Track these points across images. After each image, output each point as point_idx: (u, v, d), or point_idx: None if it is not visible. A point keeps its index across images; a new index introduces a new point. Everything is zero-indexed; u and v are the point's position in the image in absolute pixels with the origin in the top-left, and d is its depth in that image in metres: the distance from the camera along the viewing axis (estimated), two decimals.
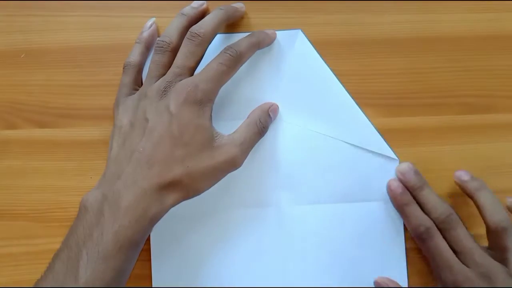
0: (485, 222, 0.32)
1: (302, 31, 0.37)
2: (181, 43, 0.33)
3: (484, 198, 0.33)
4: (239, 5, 0.36)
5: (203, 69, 0.32)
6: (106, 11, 0.37)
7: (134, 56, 0.35)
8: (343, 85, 0.37)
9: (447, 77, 0.38)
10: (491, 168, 0.37)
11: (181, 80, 0.31)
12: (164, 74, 0.32)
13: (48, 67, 0.37)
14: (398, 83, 0.38)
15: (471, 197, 0.34)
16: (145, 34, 0.36)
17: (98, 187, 0.30)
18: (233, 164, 0.32)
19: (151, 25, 0.36)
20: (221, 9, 0.34)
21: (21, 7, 0.37)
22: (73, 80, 0.37)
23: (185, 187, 0.30)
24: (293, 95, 0.36)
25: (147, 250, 0.35)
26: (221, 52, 0.32)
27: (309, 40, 0.37)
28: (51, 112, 0.37)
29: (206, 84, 0.31)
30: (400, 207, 0.35)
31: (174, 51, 0.33)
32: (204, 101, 0.31)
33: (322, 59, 0.37)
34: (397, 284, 0.34)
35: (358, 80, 0.37)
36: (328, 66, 0.37)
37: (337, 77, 0.37)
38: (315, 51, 0.37)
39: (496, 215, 0.32)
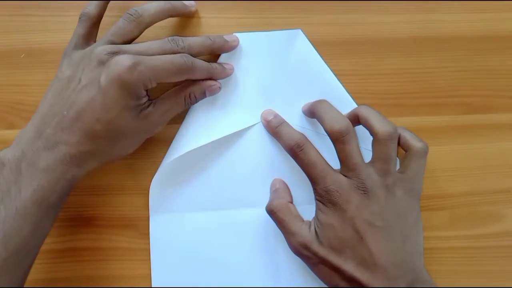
0: (373, 133, 0.31)
1: (302, 31, 0.37)
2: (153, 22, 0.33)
3: (367, 111, 0.32)
4: (191, 3, 0.35)
5: (154, 56, 0.30)
6: (106, 11, 0.37)
7: (92, 6, 0.33)
8: (343, 85, 0.37)
9: (447, 77, 0.38)
10: (491, 168, 0.37)
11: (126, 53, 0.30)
12: (120, 43, 0.32)
13: (48, 67, 0.37)
14: (398, 83, 0.38)
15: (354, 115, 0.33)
16: None
17: (17, 143, 0.30)
18: (152, 133, 0.33)
19: None
20: (170, 3, 0.34)
21: (20, 7, 0.37)
22: None
23: (106, 155, 0.31)
24: (293, 95, 0.36)
25: (146, 250, 0.35)
26: (180, 54, 0.32)
27: (309, 40, 0.37)
28: None
29: (147, 71, 0.29)
30: (273, 131, 0.35)
31: (142, 24, 0.32)
32: (138, 84, 0.29)
33: (322, 59, 0.37)
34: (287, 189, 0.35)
35: (358, 80, 0.37)
36: (328, 66, 0.37)
37: (337, 77, 0.37)
38: (315, 51, 0.37)
39: (384, 123, 0.31)
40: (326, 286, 0.32)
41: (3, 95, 0.37)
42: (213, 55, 0.36)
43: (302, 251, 0.32)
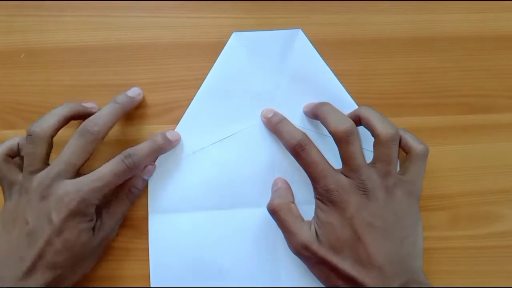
0: (375, 134, 0.31)
1: (302, 31, 0.37)
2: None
3: (368, 112, 0.32)
4: (135, 92, 0.35)
5: (94, 172, 0.31)
6: (106, 11, 0.37)
7: (48, 122, 0.32)
8: (343, 85, 0.37)
9: (447, 77, 0.38)
10: (491, 168, 0.37)
11: (65, 179, 0.30)
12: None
13: (47, 67, 0.37)
14: (398, 83, 0.38)
15: (357, 115, 0.33)
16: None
17: None
18: (108, 242, 0.34)
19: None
20: (117, 103, 0.33)
21: (20, 7, 0.37)
22: (72, 80, 0.37)
23: (70, 279, 0.31)
24: (293, 95, 0.36)
25: (146, 250, 0.35)
26: (118, 158, 0.32)
27: (309, 40, 0.37)
28: None
29: (93, 194, 0.30)
30: (273, 128, 0.35)
31: (95, 141, 0.32)
32: (89, 207, 0.31)
33: (322, 59, 0.37)
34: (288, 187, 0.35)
35: (358, 80, 0.37)
36: (328, 66, 0.37)
37: (337, 77, 0.37)
38: (315, 51, 0.37)
39: (386, 125, 0.31)
40: (325, 287, 0.32)
41: (3, 95, 0.37)
42: (207, 53, 0.37)
43: (302, 252, 0.32)
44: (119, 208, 0.34)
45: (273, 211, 0.33)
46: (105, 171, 0.31)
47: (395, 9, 0.38)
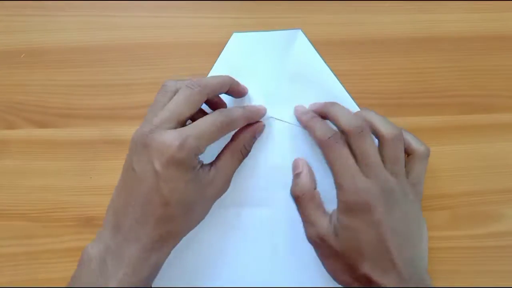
0: (380, 135, 0.31)
1: (302, 31, 0.37)
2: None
3: (370, 115, 0.32)
4: (244, 89, 0.36)
5: (194, 123, 0.30)
6: (106, 11, 0.37)
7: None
8: (343, 85, 0.37)
9: (447, 77, 0.38)
10: (491, 168, 0.37)
11: (168, 128, 0.29)
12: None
13: (48, 67, 0.37)
14: (398, 83, 0.38)
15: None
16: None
17: (99, 239, 0.30)
18: (219, 196, 0.33)
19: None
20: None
21: (21, 7, 0.37)
22: (73, 80, 0.37)
23: (183, 231, 0.31)
24: (293, 95, 0.36)
25: None
26: (215, 112, 0.31)
27: (309, 40, 0.37)
28: (51, 112, 0.37)
29: (194, 141, 0.29)
30: (306, 124, 0.35)
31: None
32: (190, 157, 0.29)
33: (322, 59, 0.37)
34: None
35: (358, 80, 0.37)
36: (328, 66, 0.37)
37: (337, 77, 0.37)
38: (315, 51, 0.37)
39: (389, 126, 0.31)
40: (326, 286, 0.32)
41: (3, 95, 0.37)
42: (207, 53, 0.37)
43: (318, 242, 0.32)
44: (233, 164, 0.33)
45: (296, 197, 0.33)
46: (204, 122, 0.30)
47: (395, 9, 0.38)
